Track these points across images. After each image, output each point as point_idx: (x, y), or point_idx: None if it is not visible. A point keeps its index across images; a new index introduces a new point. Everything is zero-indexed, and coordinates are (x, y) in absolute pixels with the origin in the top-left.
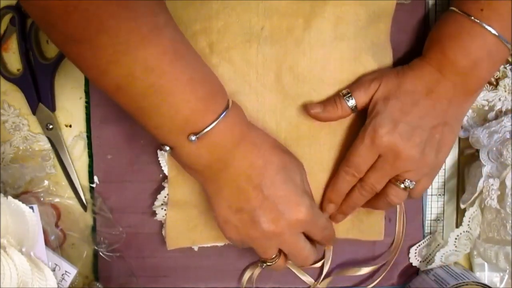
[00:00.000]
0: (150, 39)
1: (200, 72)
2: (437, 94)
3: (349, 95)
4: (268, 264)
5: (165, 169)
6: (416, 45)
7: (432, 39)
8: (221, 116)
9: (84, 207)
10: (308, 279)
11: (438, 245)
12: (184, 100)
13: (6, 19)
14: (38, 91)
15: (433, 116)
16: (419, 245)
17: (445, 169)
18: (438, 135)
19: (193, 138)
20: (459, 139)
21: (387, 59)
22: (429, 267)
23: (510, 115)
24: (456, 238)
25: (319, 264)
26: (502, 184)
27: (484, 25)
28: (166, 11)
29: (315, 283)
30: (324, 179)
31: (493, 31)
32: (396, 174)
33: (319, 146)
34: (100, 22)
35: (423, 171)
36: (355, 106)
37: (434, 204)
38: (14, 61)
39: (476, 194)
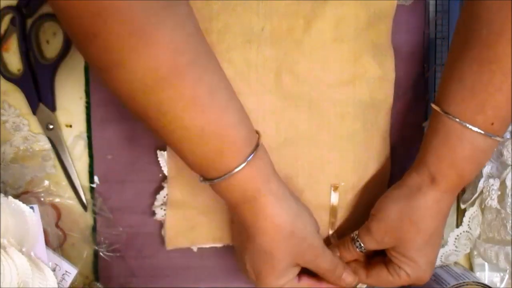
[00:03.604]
0: (169, 80)
1: (215, 121)
2: (448, 208)
3: (361, 245)
4: None
5: (165, 169)
6: (417, 46)
7: (441, 158)
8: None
9: (84, 207)
10: None
11: None
12: (191, 151)
13: (7, 19)
14: (39, 91)
15: (443, 223)
16: None
17: None
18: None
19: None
20: None
21: (388, 60)
22: None
23: None
24: (456, 238)
25: None
26: (502, 184)
27: (497, 138)
28: (195, 48)
29: None
30: (324, 180)
31: (500, 139)
32: None
33: (319, 146)
34: (120, 55)
35: None
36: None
37: None
38: (14, 61)
39: (476, 194)
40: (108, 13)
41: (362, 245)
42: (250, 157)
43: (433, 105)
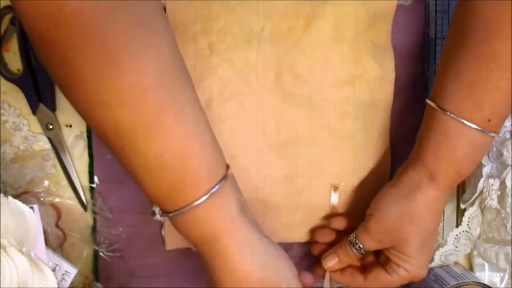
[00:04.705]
0: (130, 98)
1: (178, 148)
2: (444, 206)
3: (360, 247)
4: None
5: None
6: (417, 46)
7: (440, 156)
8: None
9: (84, 207)
10: None
11: (438, 245)
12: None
13: (7, 19)
14: (38, 91)
15: (439, 220)
16: None
17: None
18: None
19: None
20: None
21: (388, 60)
22: (429, 266)
23: (509, 115)
24: (455, 238)
25: None
26: (502, 184)
27: (494, 135)
28: (164, 65)
29: None
30: (324, 180)
31: (496, 135)
32: None
33: (319, 147)
34: (76, 67)
35: None
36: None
37: None
38: (14, 61)
39: (476, 194)
40: (67, 20)
41: (361, 246)
42: (213, 190)
43: (429, 102)
